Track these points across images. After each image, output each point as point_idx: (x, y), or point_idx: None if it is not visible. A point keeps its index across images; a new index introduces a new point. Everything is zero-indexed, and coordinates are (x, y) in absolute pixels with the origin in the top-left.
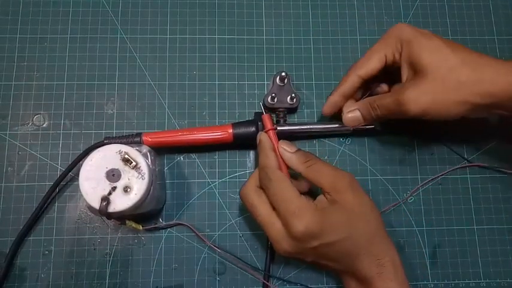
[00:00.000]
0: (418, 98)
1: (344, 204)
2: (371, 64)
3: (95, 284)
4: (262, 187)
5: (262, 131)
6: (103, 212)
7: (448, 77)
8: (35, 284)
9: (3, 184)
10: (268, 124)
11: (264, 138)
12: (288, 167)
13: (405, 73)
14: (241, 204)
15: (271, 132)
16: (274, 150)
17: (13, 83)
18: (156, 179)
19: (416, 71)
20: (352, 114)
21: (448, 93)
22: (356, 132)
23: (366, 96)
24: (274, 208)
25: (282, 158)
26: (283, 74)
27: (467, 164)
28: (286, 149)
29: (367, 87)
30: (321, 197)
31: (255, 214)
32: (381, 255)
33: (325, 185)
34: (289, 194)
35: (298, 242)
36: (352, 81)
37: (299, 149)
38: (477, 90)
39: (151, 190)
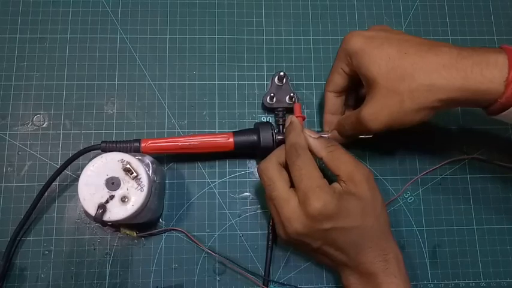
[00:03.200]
0: (375, 114)
1: (359, 195)
2: (334, 79)
3: (95, 284)
4: (288, 162)
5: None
6: (98, 219)
7: (400, 87)
8: (35, 284)
9: (3, 184)
10: (298, 111)
11: (296, 120)
12: None
13: (364, 86)
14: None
15: (300, 119)
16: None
17: (13, 83)
18: (155, 191)
19: (369, 84)
20: (333, 134)
21: (402, 104)
22: (359, 141)
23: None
24: (292, 186)
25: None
26: (281, 73)
27: (466, 157)
28: (310, 135)
29: (357, 94)
30: (336, 184)
31: (271, 189)
32: (387, 251)
33: (343, 174)
34: (314, 172)
35: (311, 222)
36: (328, 98)
37: (321, 136)
38: (432, 97)
39: (149, 203)
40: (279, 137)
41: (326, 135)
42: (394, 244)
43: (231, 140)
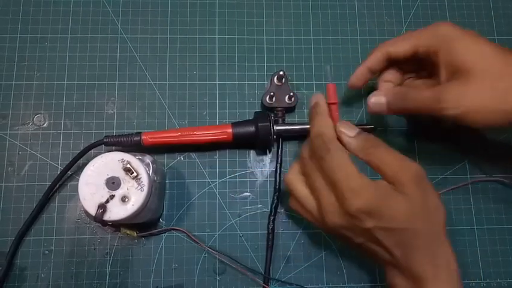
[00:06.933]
0: (460, 99)
1: (406, 196)
2: (402, 45)
3: (95, 284)
4: (315, 155)
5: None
6: (98, 219)
7: (497, 84)
8: (35, 284)
9: (3, 184)
10: (332, 97)
11: (322, 102)
12: None
13: (444, 72)
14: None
15: (335, 107)
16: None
17: (13, 82)
18: (155, 191)
19: (458, 72)
20: (376, 98)
21: (495, 101)
22: None
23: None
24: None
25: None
26: (281, 73)
27: (469, 182)
28: (345, 132)
29: (394, 74)
30: (381, 182)
31: (311, 180)
32: (437, 256)
33: (388, 176)
34: (349, 170)
35: (350, 218)
36: (377, 55)
37: (360, 131)
38: None
39: (149, 203)
40: (277, 128)
41: (369, 127)
42: (447, 249)
43: (230, 130)
